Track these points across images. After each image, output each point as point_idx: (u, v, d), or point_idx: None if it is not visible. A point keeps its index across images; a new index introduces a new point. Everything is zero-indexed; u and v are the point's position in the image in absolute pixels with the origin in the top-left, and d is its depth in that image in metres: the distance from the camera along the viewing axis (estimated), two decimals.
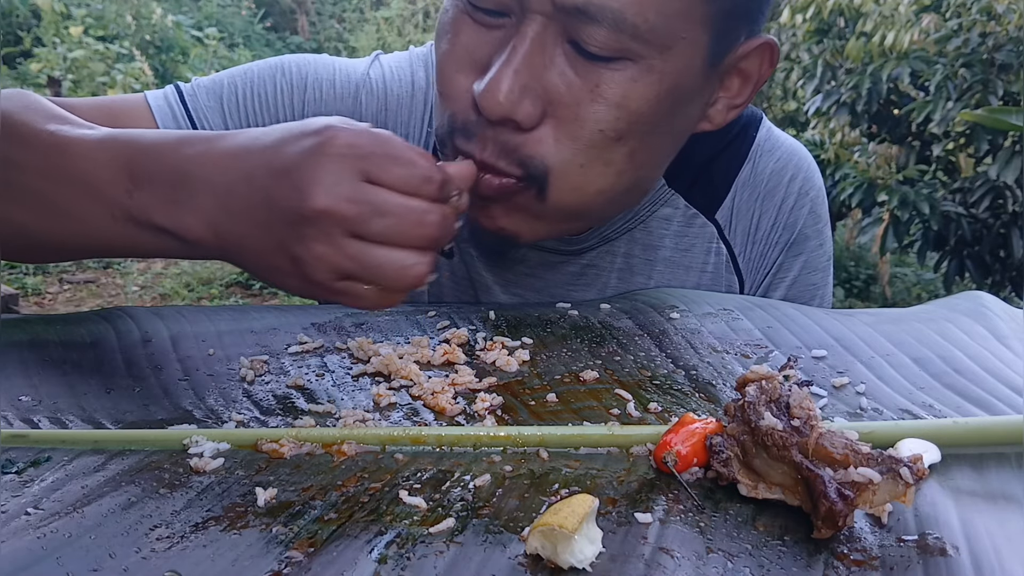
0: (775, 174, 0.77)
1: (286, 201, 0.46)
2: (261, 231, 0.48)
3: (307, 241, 0.46)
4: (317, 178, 0.46)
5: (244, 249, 0.49)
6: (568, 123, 0.58)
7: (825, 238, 0.80)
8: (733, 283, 0.77)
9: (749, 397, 0.41)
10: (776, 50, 0.63)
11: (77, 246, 0.56)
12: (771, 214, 0.77)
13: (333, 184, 0.46)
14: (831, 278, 0.81)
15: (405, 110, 0.74)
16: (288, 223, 0.46)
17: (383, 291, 0.48)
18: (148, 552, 0.34)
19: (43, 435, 0.44)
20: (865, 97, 3.22)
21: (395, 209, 0.46)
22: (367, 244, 0.46)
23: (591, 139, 0.58)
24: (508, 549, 0.35)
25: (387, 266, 0.47)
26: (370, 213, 0.46)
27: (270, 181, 0.47)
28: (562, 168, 0.59)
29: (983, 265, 3.13)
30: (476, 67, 0.59)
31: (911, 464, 0.36)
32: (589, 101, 0.57)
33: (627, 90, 0.57)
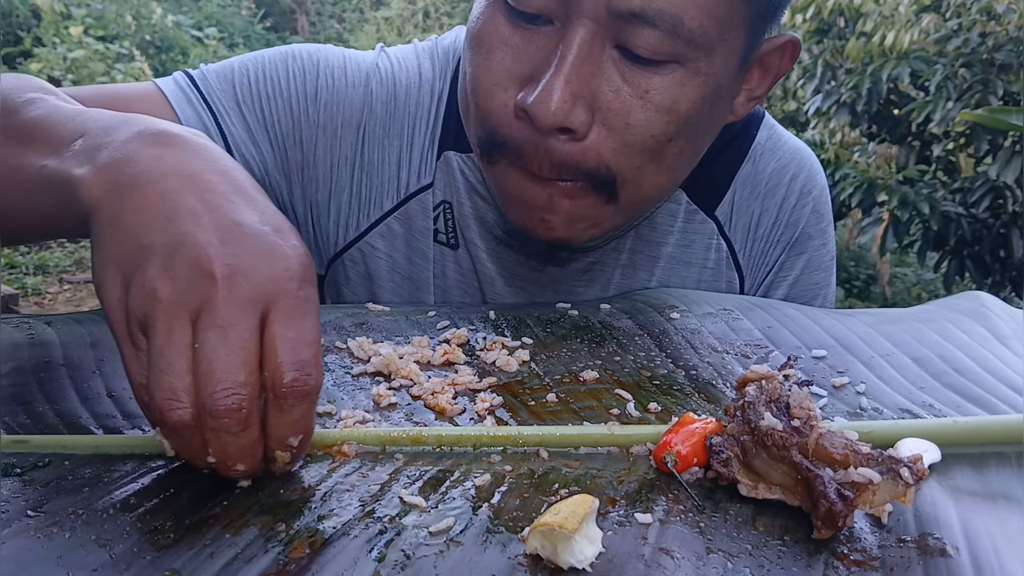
0: (776, 173, 0.77)
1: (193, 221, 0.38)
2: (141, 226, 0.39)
3: (165, 269, 0.37)
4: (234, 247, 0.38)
5: (107, 235, 0.40)
6: (620, 131, 0.58)
7: (828, 238, 0.80)
8: (734, 279, 0.77)
9: (749, 397, 0.41)
10: (798, 46, 0.65)
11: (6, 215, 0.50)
12: (772, 212, 0.77)
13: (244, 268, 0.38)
14: (833, 278, 0.81)
15: (412, 101, 0.73)
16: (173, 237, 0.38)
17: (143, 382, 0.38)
18: (149, 552, 0.34)
19: (43, 440, 0.44)
20: (865, 97, 3.22)
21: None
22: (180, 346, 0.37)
23: (644, 144, 0.59)
24: (508, 549, 0.35)
25: (160, 386, 0.36)
26: (219, 329, 0.36)
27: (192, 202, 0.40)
28: (625, 175, 0.60)
29: (983, 265, 3.13)
30: (517, 78, 0.59)
31: (911, 464, 0.36)
32: (640, 108, 0.58)
33: (676, 95, 0.58)
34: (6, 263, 3.79)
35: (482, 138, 0.62)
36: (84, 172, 0.42)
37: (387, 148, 0.73)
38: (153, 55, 6.24)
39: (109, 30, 6.16)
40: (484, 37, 0.60)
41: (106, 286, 0.39)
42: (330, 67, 0.73)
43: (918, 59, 3.07)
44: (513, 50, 0.58)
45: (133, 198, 0.40)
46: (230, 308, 0.37)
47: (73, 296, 3.89)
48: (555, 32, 0.57)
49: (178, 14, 6.99)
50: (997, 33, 2.89)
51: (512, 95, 0.59)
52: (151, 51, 6.25)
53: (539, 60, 0.57)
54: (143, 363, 0.38)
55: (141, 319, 0.37)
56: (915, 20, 3.14)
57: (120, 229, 0.39)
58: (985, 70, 2.90)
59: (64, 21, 5.89)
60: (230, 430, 0.37)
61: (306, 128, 0.71)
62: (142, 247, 0.38)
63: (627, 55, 0.56)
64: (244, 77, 0.71)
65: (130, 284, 0.38)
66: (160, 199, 0.40)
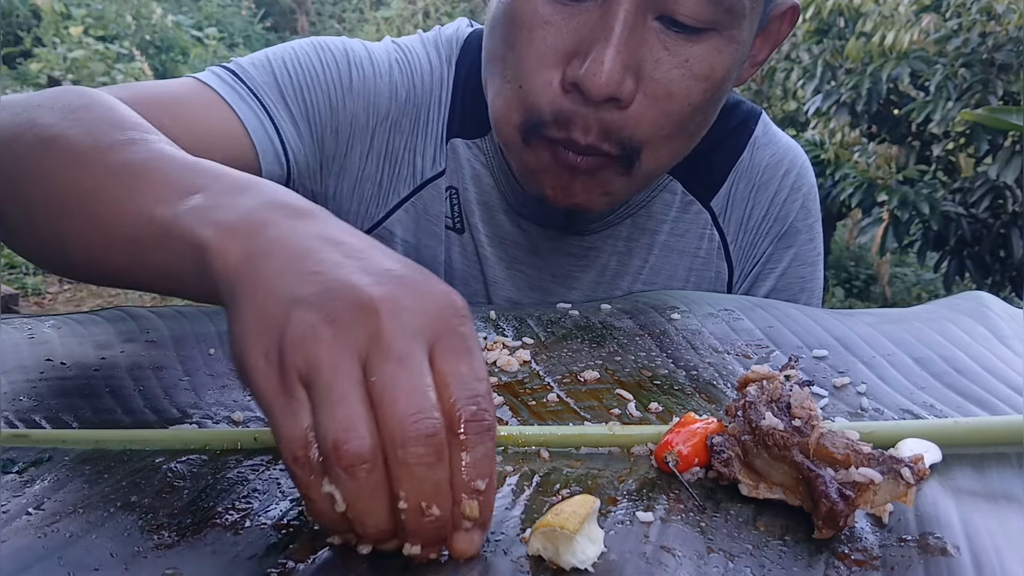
0: (770, 167, 0.79)
1: (341, 270, 0.36)
2: (287, 284, 0.35)
3: (321, 314, 0.34)
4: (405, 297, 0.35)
5: (251, 293, 0.36)
6: (661, 100, 0.60)
7: (815, 234, 0.81)
8: (723, 270, 0.79)
9: (750, 397, 0.41)
10: (798, 11, 0.67)
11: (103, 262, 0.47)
12: (763, 206, 0.79)
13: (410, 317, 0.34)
14: (820, 274, 0.83)
15: (427, 89, 0.75)
16: (323, 288, 0.35)
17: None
18: (149, 552, 0.34)
19: (44, 435, 0.44)
20: (865, 97, 3.22)
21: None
22: (353, 380, 0.33)
23: (682, 113, 0.61)
24: (510, 551, 0.35)
25: (336, 419, 0.32)
26: (395, 362, 0.33)
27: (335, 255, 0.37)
28: (652, 143, 0.62)
29: (983, 265, 3.13)
30: (562, 55, 0.59)
31: (912, 464, 0.36)
32: (680, 77, 0.59)
33: (713, 62, 0.60)
34: (6, 263, 3.79)
35: (526, 119, 0.62)
36: (211, 235, 0.39)
37: (407, 136, 0.74)
38: (153, 55, 6.24)
39: (109, 30, 6.16)
40: (521, 18, 0.60)
41: (249, 347, 0.35)
42: (358, 57, 0.73)
43: (918, 59, 3.07)
44: (555, 28, 0.59)
45: (271, 262, 0.37)
46: (401, 339, 0.33)
47: (73, 296, 3.88)
48: (596, 6, 0.58)
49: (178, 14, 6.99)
50: (997, 33, 2.89)
51: (557, 72, 0.60)
52: (151, 51, 6.26)
53: (583, 35, 0.58)
54: (304, 414, 0.33)
55: (302, 368, 0.33)
56: (915, 20, 3.14)
57: (262, 292, 0.36)
58: (985, 70, 2.90)
59: (64, 21, 5.89)
60: (425, 460, 0.32)
61: (343, 118, 0.72)
62: (292, 301, 0.35)
63: (668, 24, 0.58)
64: (283, 68, 0.70)
65: (283, 339, 0.34)
66: (302, 258, 0.37)
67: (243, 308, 0.36)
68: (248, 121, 0.67)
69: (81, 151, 0.48)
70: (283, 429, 0.33)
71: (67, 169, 0.48)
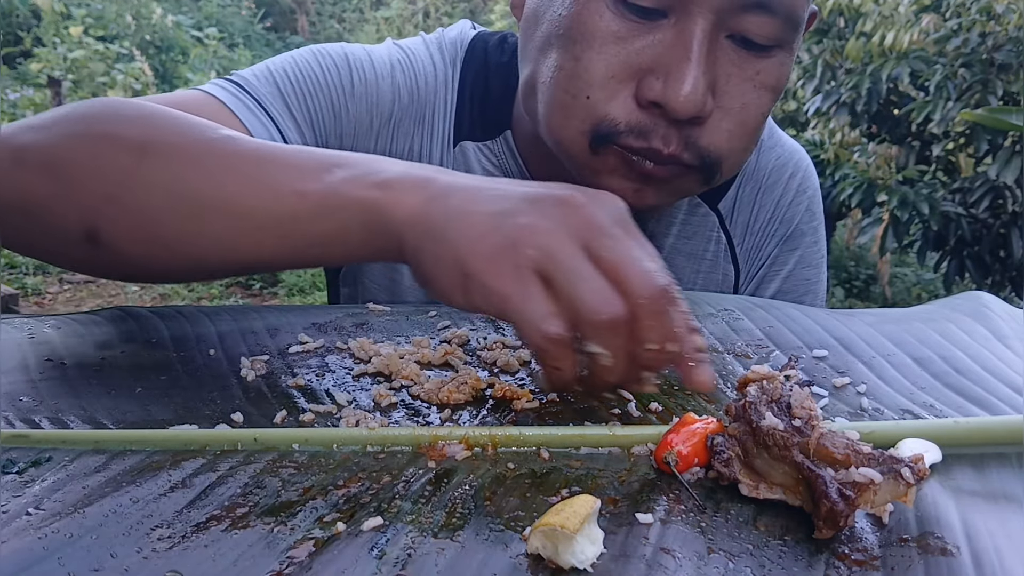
0: (776, 170, 0.79)
1: (522, 189, 0.43)
2: (483, 204, 0.42)
3: (534, 215, 0.41)
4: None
5: (448, 217, 0.43)
6: (736, 113, 0.61)
7: (820, 236, 0.82)
8: (729, 271, 0.79)
9: (750, 397, 0.41)
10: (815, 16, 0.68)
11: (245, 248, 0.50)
12: (769, 208, 0.79)
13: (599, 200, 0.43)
14: (824, 276, 0.83)
15: (431, 90, 0.75)
16: (526, 199, 0.42)
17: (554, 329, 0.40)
18: (149, 552, 0.34)
19: (44, 435, 0.44)
20: (865, 97, 3.22)
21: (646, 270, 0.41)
22: (587, 261, 0.40)
23: (756, 124, 0.63)
24: (509, 548, 0.35)
25: (592, 291, 0.39)
26: (615, 239, 0.41)
27: (503, 184, 0.45)
28: (732, 155, 0.63)
29: (983, 265, 3.13)
30: (635, 71, 0.60)
31: (912, 464, 0.36)
32: (751, 90, 0.61)
33: (779, 74, 0.62)
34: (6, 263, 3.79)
35: (597, 128, 0.62)
36: (379, 195, 0.45)
37: (412, 137, 0.75)
38: (153, 55, 6.24)
39: (109, 30, 6.16)
40: (591, 32, 0.60)
41: (471, 261, 0.41)
42: (359, 61, 0.73)
43: (918, 59, 3.07)
44: (629, 43, 0.59)
45: (454, 199, 0.43)
46: (608, 222, 0.42)
47: (73, 296, 3.88)
48: (671, 25, 0.59)
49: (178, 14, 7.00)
50: (997, 33, 2.89)
51: (630, 86, 0.60)
52: (151, 51, 6.26)
53: (658, 52, 0.59)
54: (543, 297, 0.40)
55: (535, 259, 0.40)
56: (915, 20, 3.14)
57: (460, 219, 0.42)
58: (985, 70, 2.90)
59: (64, 21, 5.90)
60: (665, 309, 0.41)
61: (346, 123, 0.72)
62: (496, 214, 0.42)
63: (739, 43, 0.60)
64: (285, 78, 0.71)
65: (505, 242, 0.40)
66: (479, 189, 0.44)
67: (447, 236, 0.42)
68: (255, 131, 0.67)
69: (189, 150, 0.50)
70: (530, 313, 0.40)
71: (182, 170, 0.50)
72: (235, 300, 3.91)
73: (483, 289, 0.41)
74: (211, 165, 0.50)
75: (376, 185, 0.46)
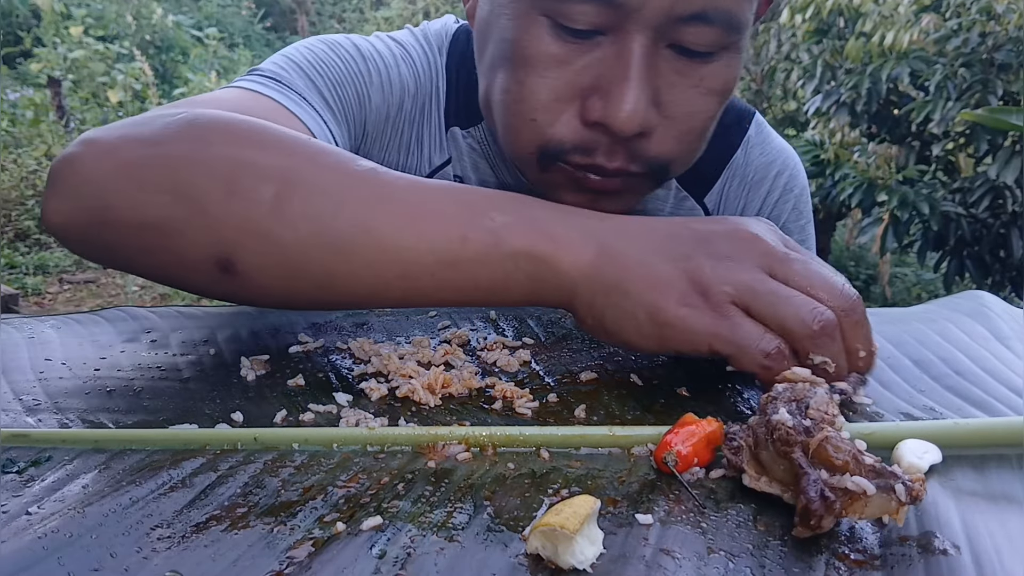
0: (763, 167, 0.79)
1: (699, 228, 0.46)
2: (657, 254, 0.45)
3: (714, 256, 0.44)
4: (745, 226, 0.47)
5: (626, 268, 0.45)
6: (682, 120, 0.61)
7: (807, 235, 0.82)
8: None
9: (775, 392, 0.41)
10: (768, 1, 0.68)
11: (399, 288, 0.49)
12: (756, 205, 0.79)
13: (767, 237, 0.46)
14: None
15: (427, 79, 0.76)
16: (697, 240, 0.45)
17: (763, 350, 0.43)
18: (149, 552, 0.34)
19: (44, 434, 0.44)
20: (865, 97, 3.22)
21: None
22: (780, 283, 0.44)
23: (703, 128, 0.63)
24: (509, 548, 0.35)
25: (801, 306, 0.43)
26: (799, 263, 0.44)
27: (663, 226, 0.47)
28: (680, 156, 0.64)
29: (983, 265, 3.13)
30: (577, 91, 0.60)
31: (910, 483, 0.36)
32: (697, 96, 0.61)
33: (725, 76, 0.61)
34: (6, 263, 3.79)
35: (543, 149, 0.63)
36: (547, 247, 0.47)
37: (416, 126, 0.76)
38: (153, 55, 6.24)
39: (109, 30, 6.17)
40: (532, 56, 0.60)
41: (664, 307, 0.44)
42: (370, 52, 0.74)
43: (918, 59, 3.07)
44: (569, 65, 0.59)
45: (627, 247, 0.45)
46: (781, 246, 0.45)
47: (73, 296, 3.88)
48: (610, 42, 0.58)
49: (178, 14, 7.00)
50: (997, 33, 2.89)
51: (575, 107, 0.60)
52: (151, 51, 6.26)
53: (599, 72, 0.59)
54: (752, 323, 0.43)
55: (731, 294, 0.43)
56: (915, 20, 3.14)
57: (641, 268, 0.45)
58: (985, 70, 2.90)
59: (64, 21, 5.90)
60: (864, 315, 0.44)
61: (369, 112, 0.73)
62: (678, 258, 0.44)
63: (679, 51, 0.59)
64: (313, 70, 0.69)
65: (696, 284, 0.43)
66: (648, 234, 0.46)
67: (628, 288, 0.45)
68: (310, 123, 0.65)
69: (334, 186, 0.48)
70: (744, 340, 0.43)
71: (329, 206, 0.47)
72: None
73: (687, 334, 0.44)
74: (362, 201, 0.48)
75: (542, 235, 0.47)
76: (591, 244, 0.46)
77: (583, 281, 0.46)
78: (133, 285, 3.98)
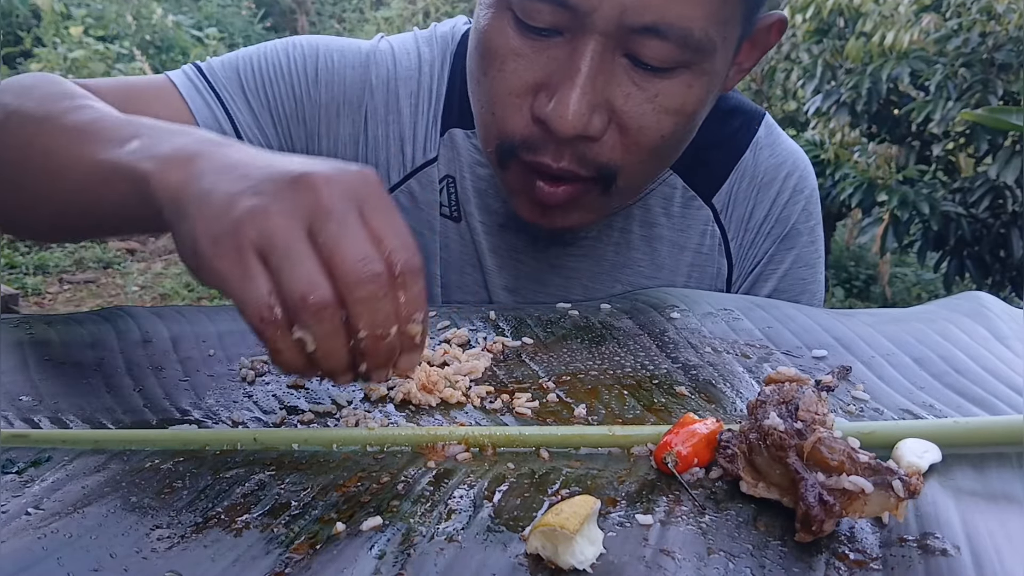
0: (772, 168, 0.79)
1: (271, 166, 0.42)
2: (225, 185, 0.42)
3: (263, 196, 0.40)
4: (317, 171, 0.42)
5: (196, 196, 0.42)
6: (633, 132, 0.61)
7: (816, 236, 0.82)
8: (723, 266, 0.80)
9: (763, 396, 0.41)
10: (785, 23, 0.67)
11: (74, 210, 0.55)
12: (765, 206, 0.79)
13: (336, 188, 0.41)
14: (821, 276, 0.83)
15: (414, 80, 0.77)
16: (263, 178, 0.41)
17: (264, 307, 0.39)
18: (149, 552, 0.34)
19: (44, 435, 0.44)
20: (865, 97, 3.22)
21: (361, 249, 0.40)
22: (305, 242, 0.40)
23: (653, 144, 0.62)
24: (508, 548, 0.35)
25: (299, 275, 0.39)
26: (337, 224, 0.40)
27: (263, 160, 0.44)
28: (628, 169, 0.63)
29: (983, 265, 3.13)
30: (532, 87, 0.61)
31: (906, 478, 0.36)
32: (651, 111, 0.60)
33: (684, 97, 0.61)
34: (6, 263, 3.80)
35: (500, 144, 0.64)
36: (150, 166, 0.46)
37: (390, 125, 0.76)
38: (153, 55, 6.24)
39: (109, 30, 6.16)
40: (495, 49, 0.61)
41: (200, 239, 0.40)
42: (329, 51, 0.76)
43: (918, 59, 3.07)
44: (525, 59, 0.60)
45: (207, 176, 0.43)
46: (338, 203, 0.40)
47: (73, 296, 3.88)
48: (566, 43, 0.59)
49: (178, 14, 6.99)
50: (997, 33, 2.89)
51: (528, 102, 0.61)
52: (151, 51, 6.25)
53: (552, 69, 0.59)
54: (263, 279, 0.39)
55: (255, 240, 0.39)
56: (915, 20, 3.14)
57: (204, 197, 0.42)
58: (985, 70, 2.90)
59: (64, 21, 5.89)
60: (376, 294, 0.39)
61: (308, 108, 0.75)
62: (232, 195, 0.41)
63: (636, 63, 0.59)
64: (247, 65, 0.74)
65: (232, 223, 0.40)
66: (232, 167, 0.43)
67: (188, 214, 0.42)
68: (198, 111, 0.71)
69: (37, 118, 0.56)
70: (247, 294, 0.39)
71: (26, 136, 0.56)
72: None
73: (209, 270, 0.41)
74: (51, 132, 0.55)
75: (149, 158, 0.46)
76: (185, 169, 0.44)
77: (167, 204, 0.44)
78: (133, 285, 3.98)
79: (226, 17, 7.77)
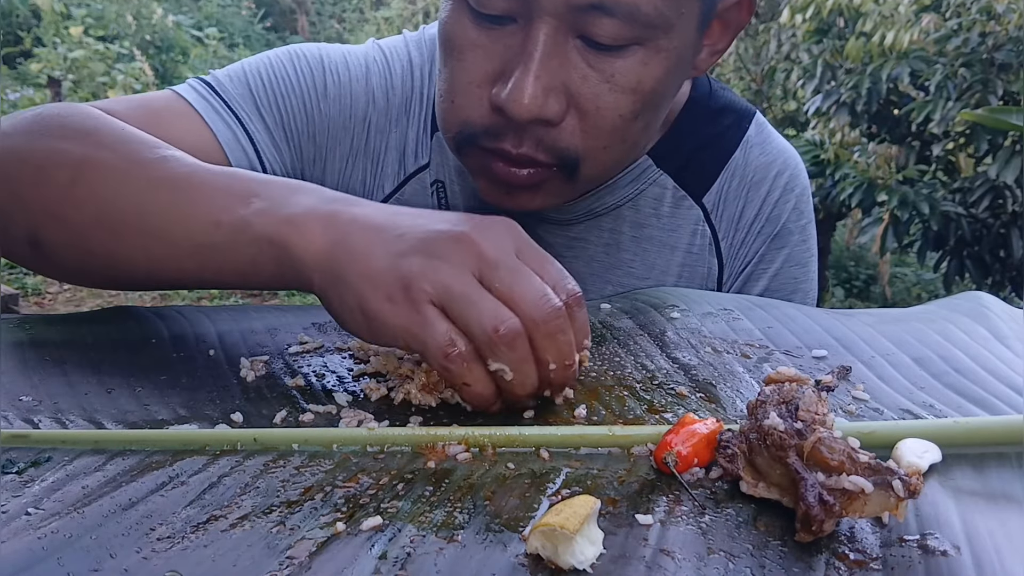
0: (763, 167, 0.79)
1: (421, 226, 0.45)
2: (381, 247, 0.45)
3: (428, 255, 0.44)
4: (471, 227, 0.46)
5: (350, 261, 0.45)
6: (591, 114, 0.61)
7: (808, 235, 0.82)
8: (714, 266, 0.79)
9: (762, 396, 0.41)
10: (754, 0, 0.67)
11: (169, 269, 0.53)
12: (756, 204, 0.79)
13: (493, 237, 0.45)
14: (814, 275, 0.83)
15: (407, 86, 0.77)
16: (420, 238, 0.45)
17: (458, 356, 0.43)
18: (149, 552, 0.34)
19: (43, 435, 0.44)
20: (865, 97, 3.22)
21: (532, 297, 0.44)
22: (481, 288, 0.43)
23: (613, 125, 0.62)
24: (508, 548, 0.35)
25: (485, 312, 0.42)
26: (507, 270, 0.44)
27: (405, 220, 0.47)
28: (590, 153, 0.63)
29: (983, 265, 3.13)
30: (490, 75, 0.61)
31: (906, 478, 0.36)
32: (607, 92, 0.60)
33: (640, 74, 0.60)
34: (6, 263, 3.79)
35: (460, 132, 0.64)
36: (290, 231, 0.48)
37: (389, 134, 0.76)
38: (153, 55, 6.24)
39: (109, 30, 6.16)
40: (453, 39, 0.62)
41: (371, 300, 0.44)
42: (333, 63, 0.75)
43: (918, 59, 3.07)
44: (482, 49, 0.61)
45: (357, 239, 0.46)
46: (501, 253, 0.44)
47: (73, 296, 3.88)
48: (519, 29, 0.59)
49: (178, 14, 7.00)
50: (997, 33, 2.89)
51: (487, 91, 0.61)
52: (151, 51, 6.25)
53: (507, 57, 0.60)
54: (442, 323, 0.42)
55: (431, 294, 0.43)
56: (915, 20, 3.14)
57: (363, 261, 0.45)
58: (985, 70, 2.90)
59: (64, 21, 5.89)
60: (561, 328, 0.44)
61: (319, 123, 0.74)
62: (395, 256, 0.44)
63: (589, 43, 0.59)
64: (257, 79, 0.73)
65: (402, 281, 0.43)
66: (380, 228, 0.46)
67: (347, 279, 0.45)
68: (220, 133, 0.69)
69: (120, 172, 0.54)
70: (430, 338, 0.42)
71: (111, 191, 0.53)
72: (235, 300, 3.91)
73: (387, 328, 0.44)
74: (138, 186, 0.53)
75: (284, 221, 0.48)
76: (328, 233, 0.47)
77: (317, 269, 0.47)
78: None
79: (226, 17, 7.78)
